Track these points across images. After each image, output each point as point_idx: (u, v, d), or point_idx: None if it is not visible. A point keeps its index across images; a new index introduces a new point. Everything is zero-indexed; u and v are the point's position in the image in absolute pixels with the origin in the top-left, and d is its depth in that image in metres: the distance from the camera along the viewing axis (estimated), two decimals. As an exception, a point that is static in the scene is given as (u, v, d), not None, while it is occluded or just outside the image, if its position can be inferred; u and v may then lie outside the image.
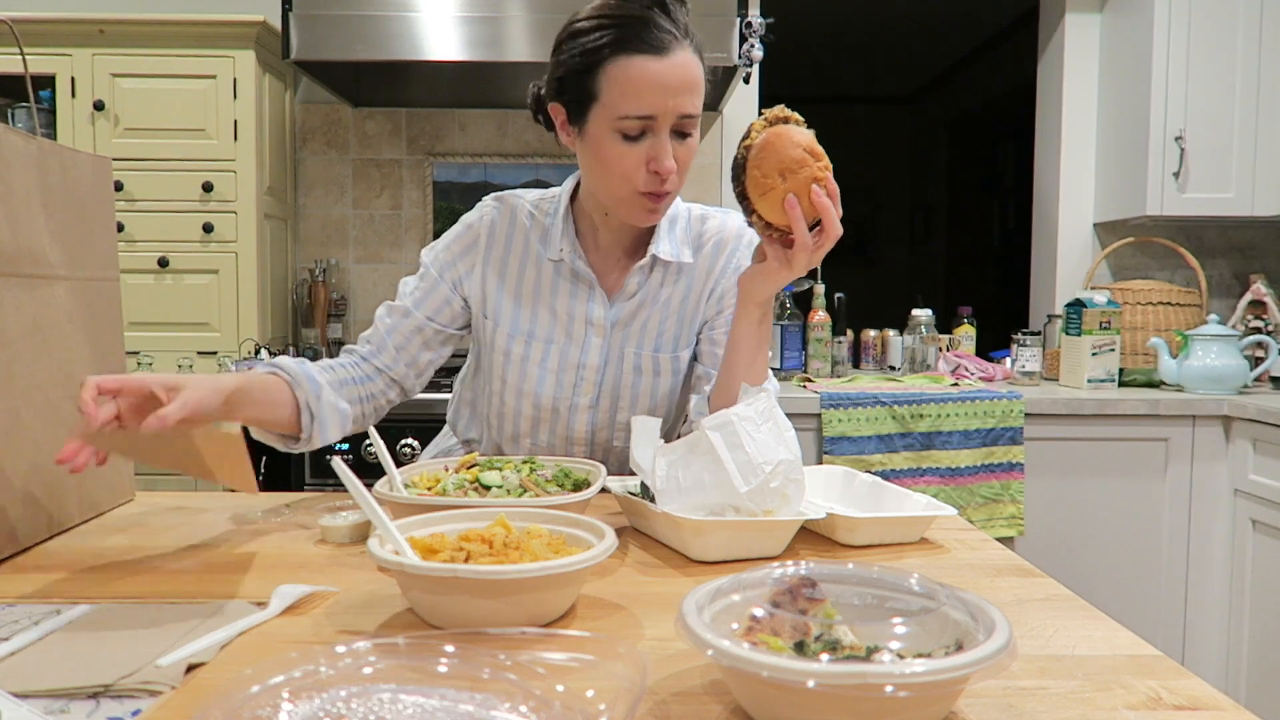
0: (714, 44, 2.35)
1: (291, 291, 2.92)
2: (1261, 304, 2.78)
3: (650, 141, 1.14)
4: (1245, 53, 2.65)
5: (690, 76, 1.14)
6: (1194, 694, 0.63)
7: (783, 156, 1.05)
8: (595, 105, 1.15)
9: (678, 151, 1.16)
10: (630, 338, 1.31)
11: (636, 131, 1.14)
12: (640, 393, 1.33)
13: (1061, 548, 2.40)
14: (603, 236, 1.31)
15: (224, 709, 0.51)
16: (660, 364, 1.33)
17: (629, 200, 1.19)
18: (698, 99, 1.16)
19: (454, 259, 1.34)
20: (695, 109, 1.15)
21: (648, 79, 1.11)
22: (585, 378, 1.31)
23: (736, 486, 0.91)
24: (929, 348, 2.77)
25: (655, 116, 1.13)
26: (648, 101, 1.12)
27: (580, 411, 1.33)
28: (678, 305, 1.32)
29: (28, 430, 0.96)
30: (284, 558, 0.95)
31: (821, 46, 5.52)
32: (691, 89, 1.14)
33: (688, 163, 1.18)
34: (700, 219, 1.35)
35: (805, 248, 1.08)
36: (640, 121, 1.13)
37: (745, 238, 1.34)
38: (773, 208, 1.07)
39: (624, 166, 1.15)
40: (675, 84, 1.12)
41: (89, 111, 2.50)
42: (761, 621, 0.60)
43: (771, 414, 0.96)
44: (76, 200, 1.07)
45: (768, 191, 1.07)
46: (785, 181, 1.05)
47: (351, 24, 2.34)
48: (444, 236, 1.36)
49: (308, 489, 2.30)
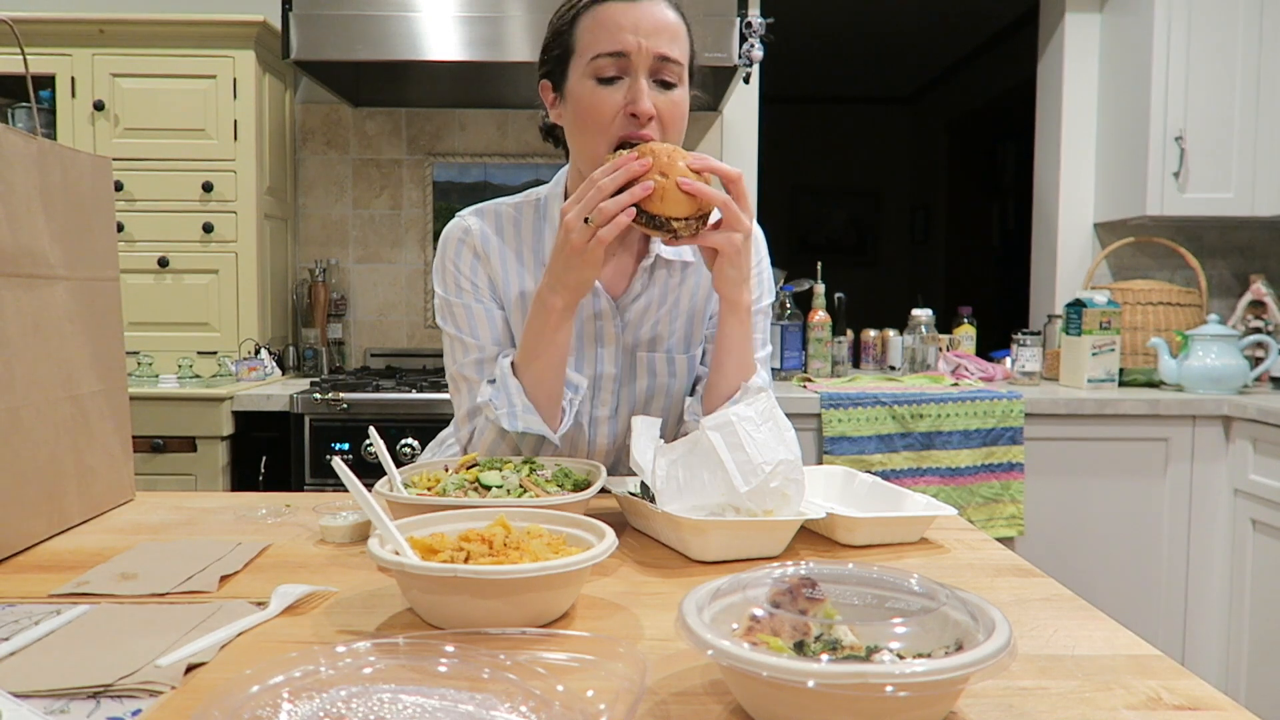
0: (714, 44, 2.36)
1: (291, 291, 2.92)
2: (1261, 304, 2.78)
3: (627, 84, 1.13)
4: (1245, 53, 2.65)
5: (663, 19, 1.13)
6: (1194, 694, 0.63)
7: (653, 161, 1.06)
8: (573, 59, 1.15)
9: (659, 100, 1.13)
10: (642, 341, 1.28)
11: (611, 72, 1.12)
12: (656, 394, 1.31)
13: (1061, 548, 2.40)
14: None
15: (224, 709, 0.51)
16: (676, 365, 1.30)
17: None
18: (677, 45, 1.14)
19: (470, 271, 1.26)
20: (674, 54, 1.13)
21: (617, 18, 1.11)
22: (603, 387, 1.28)
23: (736, 486, 0.91)
24: (929, 348, 2.77)
25: (628, 54, 1.11)
26: (619, 38, 1.11)
27: (601, 424, 1.30)
28: (687, 304, 1.30)
29: (28, 430, 0.96)
30: (284, 558, 0.95)
31: (821, 46, 5.52)
32: (667, 32, 1.13)
33: (672, 119, 1.15)
34: None
35: (725, 201, 1.07)
36: (613, 60, 1.12)
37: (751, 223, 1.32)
38: (676, 203, 1.06)
39: (601, 112, 1.13)
40: (648, 25, 1.11)
41: (89, 111, 2.50)
42: (761, 621, 0.60)
43: (772, 414, 0.96)
44: (76, 200, 1.07)
45: (661, 193, 1.05)
46: (667, 177, 1.05)
47: (351, 24, 2.34)
48: (441, 261, 1.28)
49: (308, 489, 2.30)
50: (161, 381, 2.41)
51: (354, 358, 3.00)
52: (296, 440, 2.31)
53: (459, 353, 1.26)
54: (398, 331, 3.01)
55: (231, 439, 2.33)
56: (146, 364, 2.49)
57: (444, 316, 1.28)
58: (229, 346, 2.57)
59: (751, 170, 3.03)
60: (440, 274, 1.28)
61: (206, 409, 2.27)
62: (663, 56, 1.12)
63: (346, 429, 2.30)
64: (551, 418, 1.20)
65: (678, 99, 1.15)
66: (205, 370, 2.54)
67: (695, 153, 1.08)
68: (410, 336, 3.01)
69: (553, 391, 1.19)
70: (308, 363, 2.79)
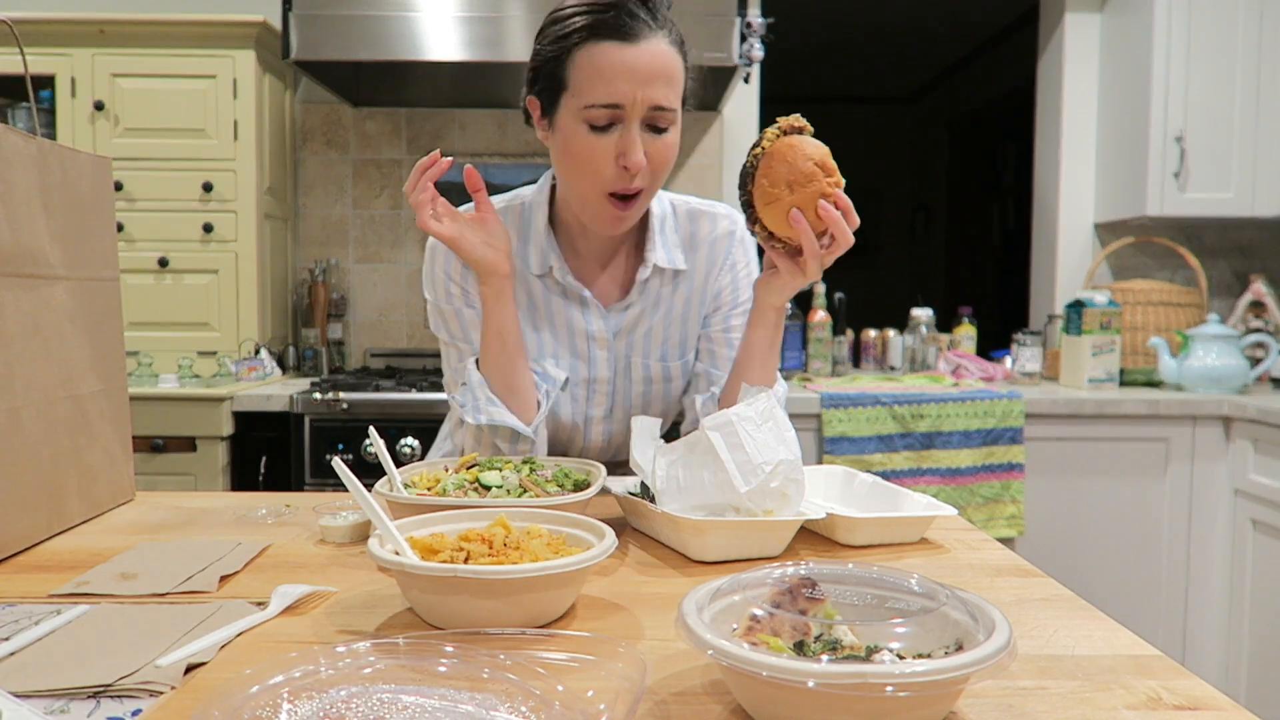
0: (714, 44, 2.35)
1: (291, 291, 2.92)
2: (1261, 304, 2.78)
3: (619, 133, 1.10)
4: (1245, 53, 2.65)
5: (662, 65, 1.09)
6: (1194, 694, 0.63)
7: (792, 168, 1.03)
8: (565, 94, 1.12)
9: (651, 146, 1.11)
10: (635, 347, 1.29)
11: (604, 121, 1.10)
12: (653, 399, 1.31)
13: (1061, 548, 2.40)
14: (586, 242, 1.26)
15: (224, 709, 0.51)
16: (670, 371, 1.31)
17: (595, 204, 1.15)
18: (671, 91, 1.11)
19: (460, 277, 1.25)
20: (668, 101, 1.11)
21: (614, 65, 1.08)
22: (597, 390, 1.29)
23: (737, 486, 0.91)
24: (929, 348, 2.77)
25: (623, 105, 1.09)
26: (614, 89, 1.08)
27: (595, 424, 1.31)
28: (680, 310, 1.30)
29: (28, 430, 0.96)
30: (284, 558, 0.95)
31: (821, 46, 5.52)
32: (664, 79, 1.09)
33: (664, 162, 1.13)
34: (689, 217, 1.31)
35: (815, 255, 1.06)
36: (607, 111, 1.09)
37: (737, 234, 1.31)
38: (778, 219, 1.05)
39: (592, 160, 1.11)
40: (645, 72, 1.08)
41: (89, 111, 2.50)
42: (761, 621, 0.60)
43: (772, 414, 0.96)
44: (76, 200, 1.07)
45: (773, 201, 1.04)
46: (793, 194, 1.03)
47: (351, 24, 2.34)
48: (431, 269, 1.26)
49: (308, 489, 2.30)
50: (161, 381, 2.41)
51: (354, 358, 3.00)
52: (296, 440, 2.31)
53: (454, 358, 1.27)
54: (398, 331, 3.01)
55: (231, 439, 2.33)
56: (146, 364, 2.49)
57: (437, 323, 1.28)
58: (229, 346, 2.57)
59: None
60: (430, 281, 1.27)
61: (206, 409, 2.27)
62: (658, 106, 1.10)
63: (346, 429, 2.30)
64: (521, 409, 1.20)
65: (670, 142, 1.14)
66: (205, 370, 2.54)
67: (843, 197, 1.06)
68: (410, 336, 3.01)
69: (514, 384, 1.19)
70: (308, 363, 2.79)
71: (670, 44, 1.11)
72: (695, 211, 1.31)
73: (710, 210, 1.32)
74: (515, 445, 1.21)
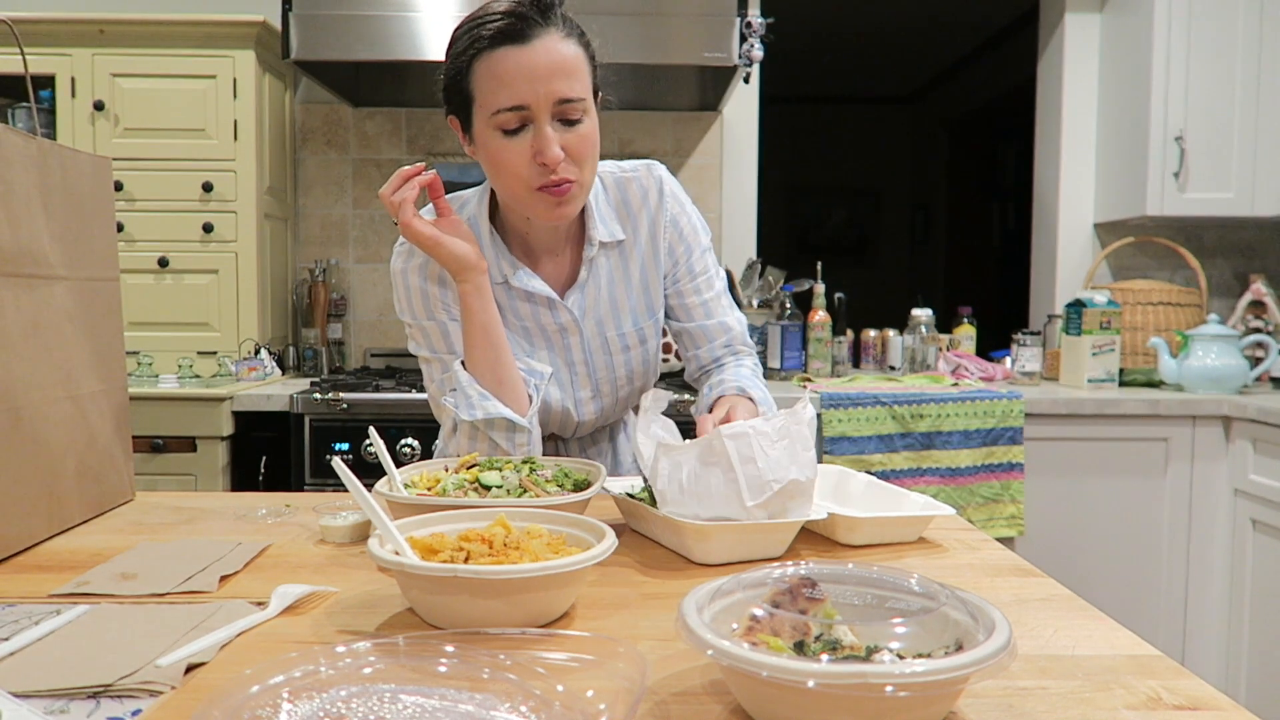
0: (714, 44, 2.35)
1: (291, 291, 2.92)
2: (1261, 304, 2.78)
3: (532, 133, 1.13)
4: (1245, 53, 2.65)
5: (559, 60, 1.11)
6: (1194, 694, 0.63)
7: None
8: (474, 106, 1.15)
9: (566, 139, 1.13)
10: (606, 321, 1.31)
11: (515, 125, 1.12)
12: (634, 368, 1.35)
13: (1061, 548, 2.40)
14: (533, 238, 1.28)
15: (224, 709, 0.51)
16: (644, 333, 1.34)
17: (531, 200, 1.16)
18: (574, 83, 1.12)
19: (437, 289, 1.25)
20: (573, 92, 1.12)
21: (510, 68, 1.10)
22: (579, 373, 1.32)
23: (744, 500, 0.91)
24: (929, 348, 2.77)
25: (527, 105, 1.11)
26: (515, 91, 1.10)
27: (585, 404, 1.34)
28: (639, 276, 1.32)
29: (28, 430, 0.96)
30: (284, 558, 0.95)
31: (821, 46, 5.52)
32: (562, 73, 1.11)
33: (583, 152, 1.15)
34: (617, 185, 1.31)
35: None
36: (514, 114, 1.11)
37: (665, 189, 1.31)
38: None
39: (511, 164, 1.13)
40: (542, 69, 1.10)
41: (89, 111, 2.50)
42: (761, 621, 0.60)
43: (788, 432, 0.95)
44: (76, 200, 1.07)
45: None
46: None
47: (351, 24, 2.34)
48: (405, 291, 1.27)
49: (308, 489, 2.30)
50: (161, 381, 2.40)
51: (354, 358, 3.00)
52: (296, 440, 2.31)
53: (438, 371, 1.28)
54: (398, 331, 3.01)
55: (231, 439, 2.33)
56: (146, 364, 2.49)
57: (416, 343, 1.30)
58: (229, 346, 2.57)
59: (751, 170, 3.03)
60: (407, 304, 1.27)
61: (206, 409, 2.27)
62: (563, 99, 1.11)
63: (346, 429, 2.30)
64: (513, 401, 1.21)
65: (585, 132, 1.15)
66: (205, 370, 2.54)
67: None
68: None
69: (503, 376, 1.21)
70: (308, 363, 2.79)
71: (565, 37, 1.13)
72: (622, 180, 1.32)
73: (634, 175, 1.32)
74: (513, 438, 1.21)
